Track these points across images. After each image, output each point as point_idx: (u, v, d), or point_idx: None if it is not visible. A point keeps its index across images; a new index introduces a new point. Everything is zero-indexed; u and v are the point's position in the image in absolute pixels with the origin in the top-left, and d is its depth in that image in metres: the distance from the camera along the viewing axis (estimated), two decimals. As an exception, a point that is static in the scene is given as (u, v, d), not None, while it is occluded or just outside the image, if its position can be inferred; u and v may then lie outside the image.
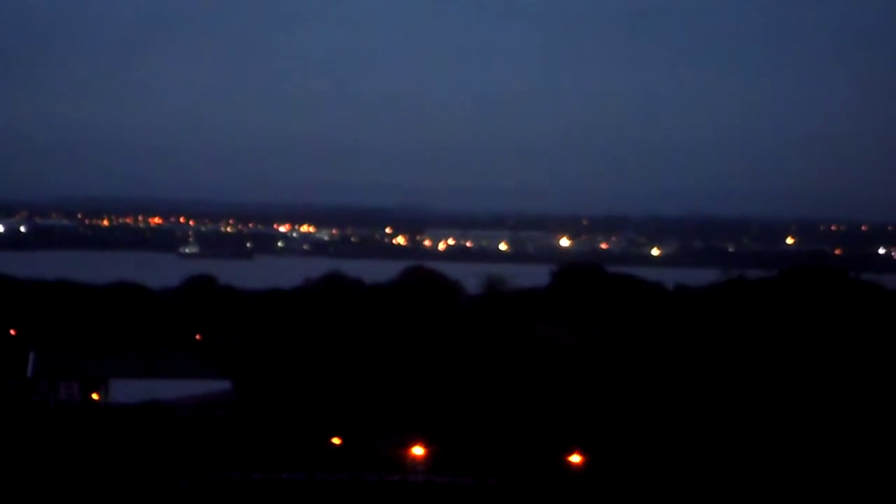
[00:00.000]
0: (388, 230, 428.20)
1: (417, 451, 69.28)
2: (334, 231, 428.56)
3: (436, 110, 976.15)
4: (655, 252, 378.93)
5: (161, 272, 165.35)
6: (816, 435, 66.99)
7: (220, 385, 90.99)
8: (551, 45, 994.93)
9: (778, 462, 65.29)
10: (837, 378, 71.79)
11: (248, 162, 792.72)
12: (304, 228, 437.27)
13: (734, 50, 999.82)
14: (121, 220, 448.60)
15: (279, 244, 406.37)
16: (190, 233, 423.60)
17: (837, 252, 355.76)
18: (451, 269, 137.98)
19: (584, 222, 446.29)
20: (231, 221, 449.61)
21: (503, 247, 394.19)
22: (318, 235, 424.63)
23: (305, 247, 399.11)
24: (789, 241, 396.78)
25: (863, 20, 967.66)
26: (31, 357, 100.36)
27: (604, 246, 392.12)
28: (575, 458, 67.15)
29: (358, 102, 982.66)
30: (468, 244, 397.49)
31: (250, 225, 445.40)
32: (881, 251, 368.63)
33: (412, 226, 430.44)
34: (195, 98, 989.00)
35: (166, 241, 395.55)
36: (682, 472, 64.66)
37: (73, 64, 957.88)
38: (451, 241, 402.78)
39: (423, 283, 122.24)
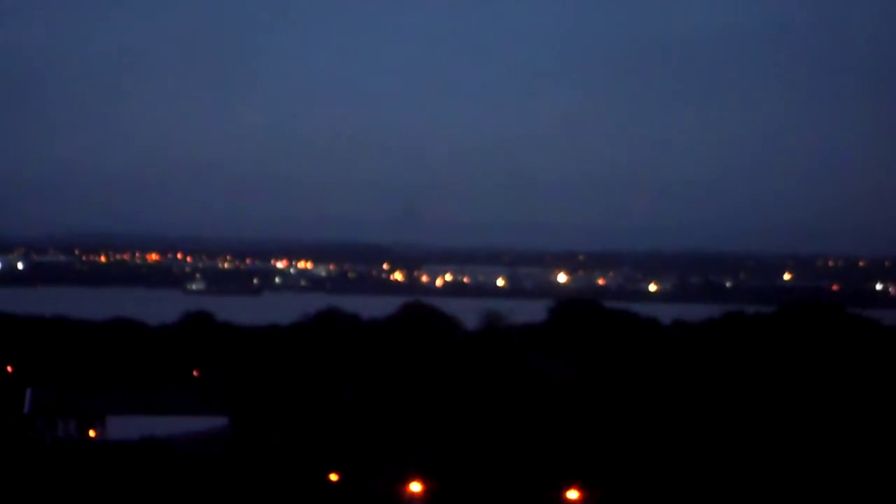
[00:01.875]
0: (385, 266, 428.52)
1: (415, 487, 69.18)
2: (331, 267, 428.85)
3: (433, 145, 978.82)
4: (652, 288, 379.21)
5: (169, 309, 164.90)
6: (815, 470, 66.93)
7: (217, 421, 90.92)
8: (549, 81, 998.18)
9: (777, 496, 65.22)
10: (835, 415, 71.74)
11: (244, 197, 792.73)
12: (302, 264, 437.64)
13: (733, 86, 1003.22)
14: (118, 257, 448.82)
15: (277, 280, 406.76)
16: (187, 269, 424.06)
17: (835, 287, 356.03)
18: (449, 305, 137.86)
19: (581, 258, 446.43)
20: (228, 257, 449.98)
21: (500, 282, 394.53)
22: (315, 271, 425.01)
23: (303, 282, 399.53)
24: (786, 276, 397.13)
25: (862, 52, 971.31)
26: (28, 394, 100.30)
27: (601, 282, 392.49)
28: (572, 494, 67.05)
29: (354, 137, 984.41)
30: (465, 280, 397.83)
31: (248, 261, 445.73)
32: (879, 287, 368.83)
33: (409, 262, 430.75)
34: (189, 134, 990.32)
35: (164, 277, 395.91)
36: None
37: (69, 100, 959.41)
38: (448, 277, 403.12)
39: (420, 319, 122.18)
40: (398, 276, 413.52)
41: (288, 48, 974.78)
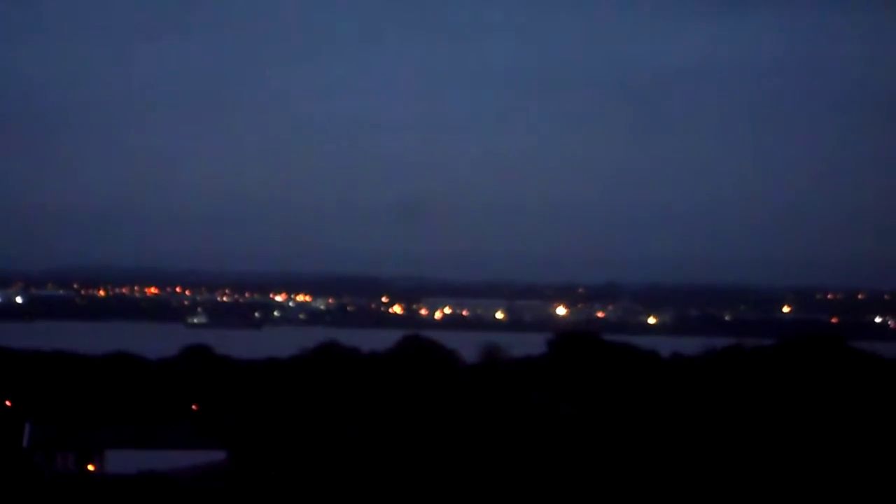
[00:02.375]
0: (384, 299, 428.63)
1: (415, 521, 68.99)
2: (330, 300, 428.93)
3: (432, 177, 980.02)
4: (651, 320, 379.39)
5: (169, 342, 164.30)
6: (814, 500, 66.82)
7: (216, 455, 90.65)
8: (547, 112, 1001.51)
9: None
10: (836, 447, 71.67)
11: (243, 230, 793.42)
12: (300, 298, 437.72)
13: (730, 117, 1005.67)
14: (117, 291, 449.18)
15: (275, 313, 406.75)
16: (186, 302, 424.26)
17: (834, 320, 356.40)
18: (448, 338, 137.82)
19: (581, 291, 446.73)
20: (227, 291, 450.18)
21: (500, 315, 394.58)
22: (314, 305, 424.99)
23: (301, 316, 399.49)
24: (786, 309, 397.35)
25: (858, 85, 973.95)
26: (27, 428, 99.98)
27: (600, 314, 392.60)
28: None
29: (352, 170, 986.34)
30: (465, 313, 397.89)
31: (246, 294, 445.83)
32: (877, 319, 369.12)
33: (408, 295, 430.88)
34: (186, 166, 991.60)
35: (163, 310, 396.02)
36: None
37: (66, 133, 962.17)
38: (447, 310, 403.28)
39: (419, 352, 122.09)
40: (397, 309, 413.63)
41: (285, 79, 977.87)
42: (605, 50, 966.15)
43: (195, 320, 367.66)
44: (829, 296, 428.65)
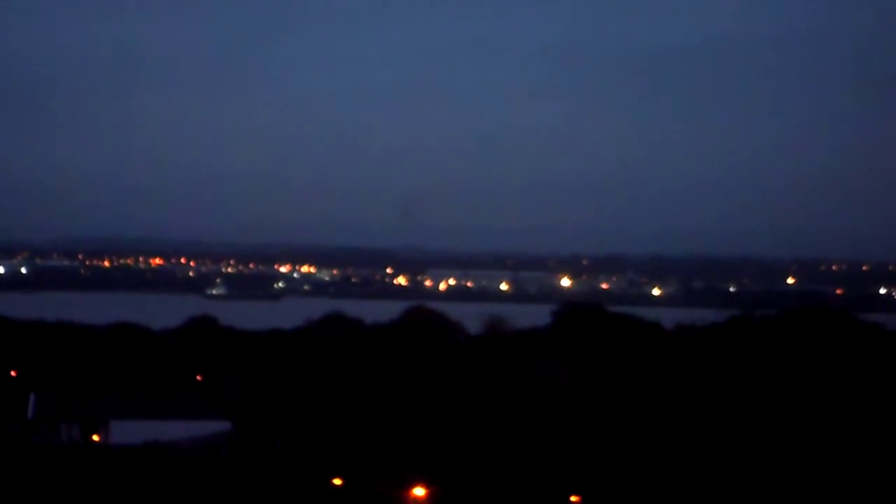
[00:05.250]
0: (388, 270, 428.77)
1: (418, 492, 69.14)
2: (335, 271, 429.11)
3: (436, 150, 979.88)
4: (656, 292, 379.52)
5: (173, 313, 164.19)
6: (817, 475, 66.89)
7: (220, 426, 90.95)
8: (553, 86, 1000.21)
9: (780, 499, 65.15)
10: (838, 421, 71.64)
11: (248, 202, 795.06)
12: (305, 269, 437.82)
13: (736, 92, 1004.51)
14: (121, 261, 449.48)
15: (280, 284, 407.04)
16: (192, 273, 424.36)
17: (838, 292, 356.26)
18: (452, 310, 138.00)
19: (585, 262, 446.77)
20: (232, 262, 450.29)
21: (504, 287, 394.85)
22: (318, 276, 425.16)
23: (306, 287, 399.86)
24: (790, 280, 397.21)
25: (864, 62, 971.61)
26: (32, 399, 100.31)
27: (604, 286, 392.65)
28: (574, 499, 66.99)
29: (358, 141, 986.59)
30: (469, 284, 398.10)
31: (251, 265, 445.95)
32: (882, 291, 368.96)
33: (413, 266, 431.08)
34: (192, 139, 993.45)
35: (178, 282, 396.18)
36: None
37: (73, 106, 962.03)
38: (451, 282, 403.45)
39: (424, 324, 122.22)
40: (402, 280, 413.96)
41: (290, 55, 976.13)
42: (615, 26, 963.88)
43: (214, 291, 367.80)
44: (833, 267, 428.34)
